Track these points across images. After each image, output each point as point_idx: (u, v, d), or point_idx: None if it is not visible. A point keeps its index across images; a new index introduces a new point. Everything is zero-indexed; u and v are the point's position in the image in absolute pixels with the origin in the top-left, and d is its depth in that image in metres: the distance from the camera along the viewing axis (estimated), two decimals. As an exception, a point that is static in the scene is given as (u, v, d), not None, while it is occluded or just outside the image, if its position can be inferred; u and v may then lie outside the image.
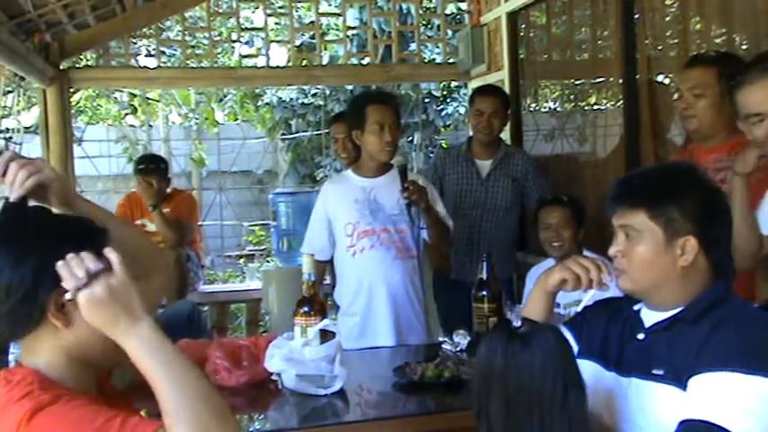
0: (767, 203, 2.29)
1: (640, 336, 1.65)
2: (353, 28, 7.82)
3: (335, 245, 3.24)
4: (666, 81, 3.72)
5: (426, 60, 6.75)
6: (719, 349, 1.48)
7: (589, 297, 1.75)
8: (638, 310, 1.70)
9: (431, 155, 8.96)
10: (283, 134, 10.11)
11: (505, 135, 4.72)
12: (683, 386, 1.51)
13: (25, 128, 6.47)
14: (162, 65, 5.71)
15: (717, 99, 2.56)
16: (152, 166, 4.79)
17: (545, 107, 5.03)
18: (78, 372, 1.35)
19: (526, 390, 1.36)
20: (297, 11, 6.38)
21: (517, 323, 1.42)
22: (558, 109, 4.92)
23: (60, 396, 1.25)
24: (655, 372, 1.57)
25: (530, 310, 1.81)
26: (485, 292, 2.63)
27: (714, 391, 1.44)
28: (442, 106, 9.54)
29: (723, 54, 2.75)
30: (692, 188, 1.62)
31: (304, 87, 9.27)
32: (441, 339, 2.68)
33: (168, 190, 4.88)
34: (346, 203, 3.15)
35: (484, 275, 2.65)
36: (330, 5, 7.38)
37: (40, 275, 1.29)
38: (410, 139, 9.18)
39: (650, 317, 1.66)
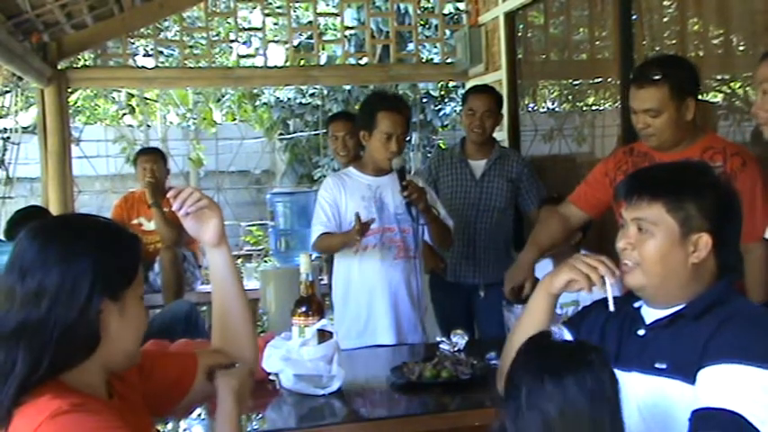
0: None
1: (641, 331, 1.65)
2: (351, 28, 7.82)
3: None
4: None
5: (424, 60, 6.75)
6: (728, 342, 1.49)
7: (611, 291, 1.70)
8: (639, 308, 1.70)
9: (428, 155, 8.95)
10: (281, 134, 10.10)
11: (503, 135, 4.73)
12: (689, 380, 1.51)
13: (23, 128, 6.46)
14: (160, 65, 5.72)
15: (674, 115, 2.52)
16: (151, 150, 4.97)
17: (543, 107, 5.04)
18: (92, 377, 1.34)
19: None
20: (295, 11, 6.38)
21: (560, 333, 1.35)
22: (556, 109, 4.93)
23: (82, 404, 1.24)
24: (657, 366, 1.57)
25: (532, 311, 1.80)
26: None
27: (725, 381, 1.45)
28: (439, 106, 9.53)
29: (669, 64, 2.63)
30: (710, 186, 1.63)
31: (302, 87, 9.26)
32: (438, 339, 2.68)
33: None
34: (353, 200, 3.14)
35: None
36: (328, 5, 7.38)
37: (98, 277, 1.28)
38: (408, 139, 9.17)
39: (651, 314, 1.66)
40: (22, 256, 1.29)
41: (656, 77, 2.51)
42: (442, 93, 9.46)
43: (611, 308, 1.69)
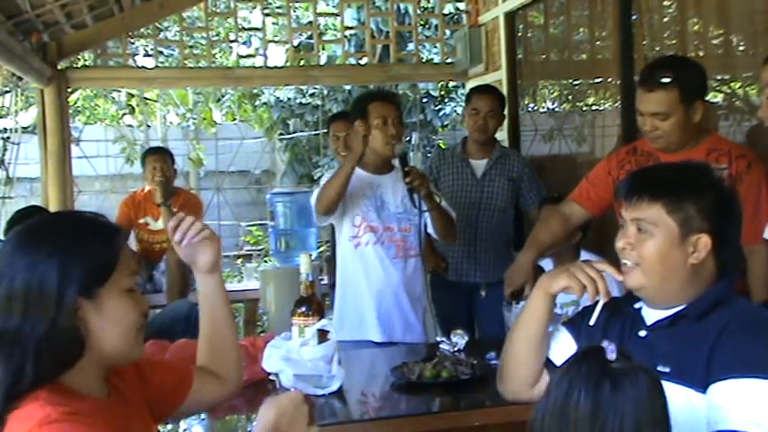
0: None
1: (642, 333, 1.65)
2: (351, 28, 7.83)
3: (339, 234, 3.23)
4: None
5: (424, 60, 6.76)
6: (736, 353, 1.48)
7: (599, 308, 1.71)
8: (639, 309, 1.70)
9: (429, 155, 8.95)
10: (281, 134, 10.11)
11: (503, 135, 4.73)
12: (693, 385, 1.51)
13: (23, 128, 6.46)
14: (160, 65, 5.72)
15: (682, 117, 2.49)
16: (159, 149, 5.02)
17: (543, 107, 5.04)
18: (87, 376, 1.32)
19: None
20: (294, 11, 6.38)
21: (612, 355, 1.25)
22: (556, 109, 4.93)
23: (73, 414, 1.22)
24: (660, 369, 1.56)
25: (531, 310, 1.80)
26: None
27: (741, 399, 1.44)
28: (439, 106, 9.54)
29: (679, 66, 2.59)
30: (710, 187, 1.62)
31: (302, 87, 9.26)
32: (438, 339, 2.68)
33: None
34: (355, 196, 3.14)
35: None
36: (328, 5, 7.38)
37: (65, 276, 1.26)
38: (408, 139, 9.18)
39: (652, 315, 1.66)
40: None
41: (666, 81, 2.47)
42: (442, 93, 9.46)
43: (591, 322, 1.70)
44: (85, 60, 5.82)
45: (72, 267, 1.27)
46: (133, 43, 6.18)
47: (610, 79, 4.07)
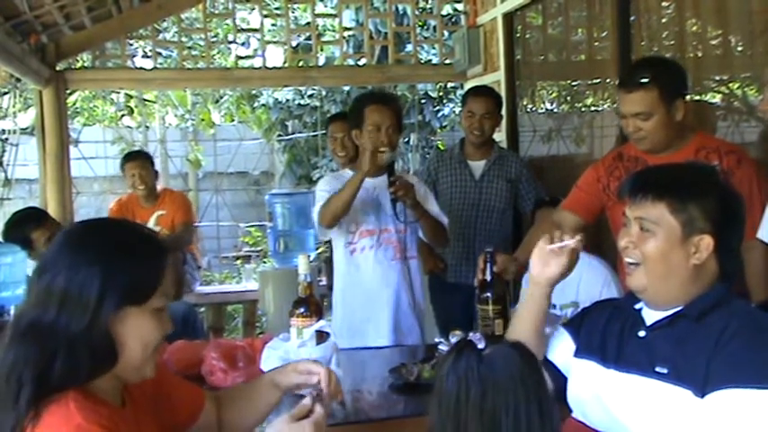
0: None
1: (641, 333, 1.65)
2: (349, 29, 7.82)
3: (335, 240, 3.22)
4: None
5: (422, 61, 6.75)
6: (735, 363, 1.47)
7: (562, 243, 1.78)
8: (640, 309, 1.70)
9: (427, 156, 8.95)
10: (279, 135, 10.10)
11: (501, 136, 4.73)
12: (691, 388, 1.51)
13: (21, 129, 6.46)
14: (158, 66, 5.71)
15: (664, 117, 2.51)
16: (136, 155, 4.90)
17: (541, 108, 5.04)
18: (105, 383, 1.32)
19: (503, 411, 1.25)
20: (293, 12, 6.39)
21: (481, 344, 1.31)
22: (555, 110, 4.93)
23: (103, 427, 1.22)
24: (658, 369, 1.57)
25: (526, 307, 1.82)
26: (489, 294, 2.40)
27: (738, 409, 1.43)
28: (438, 107, 9.53)
29: (657, 66, 2.60)
30: (714, 188, 1.63)
31: (300, 88, 9.26)
32: (437, 340, 2.67)
33: (159, 188, 4.87)
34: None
35: (487, 276, 2.41)
36: (326, 6, 7.40)
37: (105, 288, 1.25)
38: (406, 140, 9.18)
39: (651, 315, 1.66)
40: (45, 253, 1.30)
41: (645, 81, 2.49)
42: (441, 94, 9.46)
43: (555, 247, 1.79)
44: (84, 61, 5.82)
45: (114, 281, 1.26)
46: (132, 44, 6.18)
47: (608, 80, 4.08)
